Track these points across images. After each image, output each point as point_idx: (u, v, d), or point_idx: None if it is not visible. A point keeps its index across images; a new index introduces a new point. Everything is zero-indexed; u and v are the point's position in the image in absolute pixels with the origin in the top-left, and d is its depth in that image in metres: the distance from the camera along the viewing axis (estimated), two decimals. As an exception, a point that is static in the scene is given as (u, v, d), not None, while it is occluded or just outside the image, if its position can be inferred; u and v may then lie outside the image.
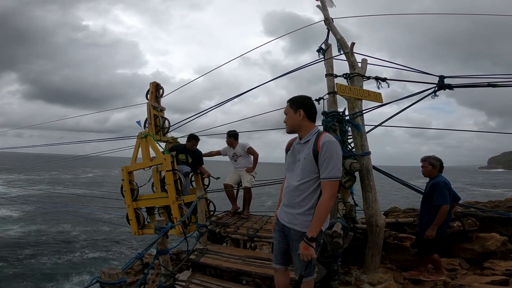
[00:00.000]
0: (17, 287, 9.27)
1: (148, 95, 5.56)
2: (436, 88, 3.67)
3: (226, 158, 5.72)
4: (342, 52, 4.42)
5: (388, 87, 4.22)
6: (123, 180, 5.25)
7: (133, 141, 5.44)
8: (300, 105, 2.27)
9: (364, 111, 3.96)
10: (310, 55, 4.80)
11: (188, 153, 5.44)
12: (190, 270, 3.84)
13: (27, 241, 13.67)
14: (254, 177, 5.43)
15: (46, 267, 10.83)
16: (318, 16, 4.92)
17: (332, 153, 2.09)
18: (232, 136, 5.44)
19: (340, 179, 2.13)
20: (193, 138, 5.42)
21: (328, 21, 4.75)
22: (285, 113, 2.34)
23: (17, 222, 16.84)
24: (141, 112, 5.55)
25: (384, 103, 4.07)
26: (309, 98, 2.34)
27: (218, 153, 5.75)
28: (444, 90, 3.66)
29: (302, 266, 2.23)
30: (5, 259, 11.16)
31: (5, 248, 12.38)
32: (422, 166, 3.81)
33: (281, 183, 2.83)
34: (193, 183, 5.82)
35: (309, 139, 2.22)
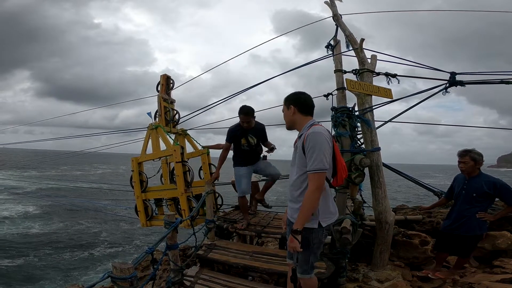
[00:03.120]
0: (36, 281, 9.47)
1: (159, 87, 5.61)
2: (448, 85, 3.62)
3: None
4: (351, 48, 4.41)
5: (398, 83, 4.20)
6: (133, 171, 5.31)
7: (142, 137, 5.49)
8: (291, 101, 2.31)
9: (374, 107, 3.94)
10: (321, 53, 4.79)
11: (249, 134, 4.30)
12: (198, 265, 3.87)
13: (46, 237, 13.96)
14: None
15: (62, 262, 11.16)
16: (328, 14, 4.90)
17: (315, 144, 2.06)
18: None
19: (325, 171, 2.09)
20: (243, 113, 4.11)
21: (336, 17, 4.73)
22: (282, 111, 2.40)
23: (35, 218, 17.13)
24: (150, 109, 5.60)
25: (394, 99, 4.03)
26: (301, 93, 2.36)
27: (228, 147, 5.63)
28: (456, 86, 3.61)
29: (300, 261, 2.29)
30: (24, 254, 11.45)
31: (25, 243, 12.67)
32: (461, 162, 3.47)
33: (288, 179, 2.76)
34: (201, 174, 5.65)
35: (303, 133, 2.21)
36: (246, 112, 4.11)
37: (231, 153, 4.55)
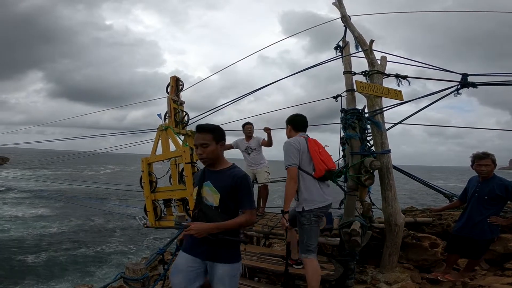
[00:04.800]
0: (56, 277, 9.71)
1: (169, 89, 5.67)
2: (459, 86, 3.58)
3: (240, 156, 5.58)
4: (360, 50, 4.39)
5: (409, 84, 4.16)
6: (142, 171, 5.37)
7: (150, 138, 5.56)
8: (287, 122, 3.12)
9: (384, 109, 3.91)
10: (330, 54, 4.77)
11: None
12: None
13: (63, 235, 14.25)
14: (269, 174, 5.39)
15: (79, 258, 11.47)
16: (336, 15, 4.88)
17: (284, 149, 2.88)
18: (251, 124, 5.28)
19: (293, 166, 2.78)
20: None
21: (345, 18, 4.71)
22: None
23: (51, 218, 17.43)
24: (158, 110, 5.66)
25: (405, 100, 4.00)
26: (296, 115, 3.11)
27: (230, 146, 5.51)
28: (468, 88, 3.56)
29: (299, 242, 2.98)
30: (44, 250, 11.85)
31: (44, 241, 13.04)
32: (483, 165, 3.37)
33: None
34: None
35: None
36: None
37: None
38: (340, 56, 4.51)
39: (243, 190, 1.96)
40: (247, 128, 5.24)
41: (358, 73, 4.16)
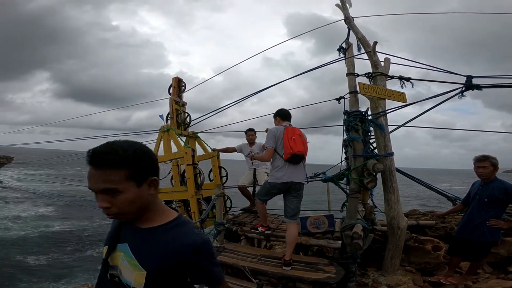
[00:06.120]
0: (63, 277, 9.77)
1: (171, 90, 5.67)
2: (464, 88, 3.55)
3: (242, 158, 5.68)
4: (363, 51, 4.36)
5: (412, 86, 4.13)
6: None
7: (153, 139, 5.55)
8: (275, 115, 3.83)
9: (387, 111, 3.88)
10: (335, 57, 4.75)
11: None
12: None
13: (67, 235, 14.26)
14: None
15: (84, 258, 11.44)
16: (340, 17, 4.86)
17: (267, 134, 3.61)
18: (253, 131, 5.42)
19: (270, 147, 3.47)
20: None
21: (348, 20, 4.68)
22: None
23: (53, 217, 17.46)
24: (162, 112, 5.65)
25: (408, 103, 3.97)
26: (281, 110, 3.81)
27: (234, 150, 5.66)
28: (472, 90, 3.53)
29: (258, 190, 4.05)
30: (48, 251, 11.85)
31: (47, 241, 13.07)
32: (481, 167, 3.40)
33: None
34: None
35: None
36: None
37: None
38: (343, 58, 4.48)
39: (204, 265, 1.10)
40: (249, 135, 5.43)
41: (361, 75, 4.14)
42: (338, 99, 4.58)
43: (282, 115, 3.78)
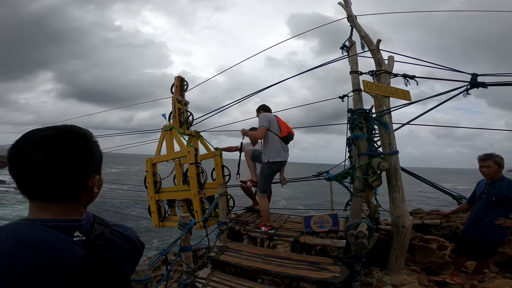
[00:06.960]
0: None
1: (173, 89, 5.65)
2: (469, 86, 3.51)
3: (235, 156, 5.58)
4: (366, 49, 4.33)
5: (417, 84, 4.10)
6: (147, 171, 5.36)
7: (155, 138, 5.54)
8: (260, 109, 4.38)
9: (392, 109, 3.85)
10: (338, 56, 4.72)
11: None
12: (210, 267, 3.85)
13: None
14: None
15: None
16: (343, 15, 4.82)
17: (260, 118, 4.03)
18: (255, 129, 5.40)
19: (263, 127, 3.90)
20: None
21: (351, 18, 4.64)
22: (257, 116, 4.25)
23: None
24: (165, 111, 5.63)
25: (413, 101, 3.94)
26: (263, 105, 4.40)
27: (236, 148, 5.54)
28: (477, 88, 3.49)
29: (258, 184, 4.13)
30: None
31: None
32: (484, 166, 3.39)
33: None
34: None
35: None
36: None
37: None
38: (347, 56, 4.45)
39: None
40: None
41: (365, 73, 4.11)
42: (342, 97, 4.56)
43: (265, 108, 4.39)
